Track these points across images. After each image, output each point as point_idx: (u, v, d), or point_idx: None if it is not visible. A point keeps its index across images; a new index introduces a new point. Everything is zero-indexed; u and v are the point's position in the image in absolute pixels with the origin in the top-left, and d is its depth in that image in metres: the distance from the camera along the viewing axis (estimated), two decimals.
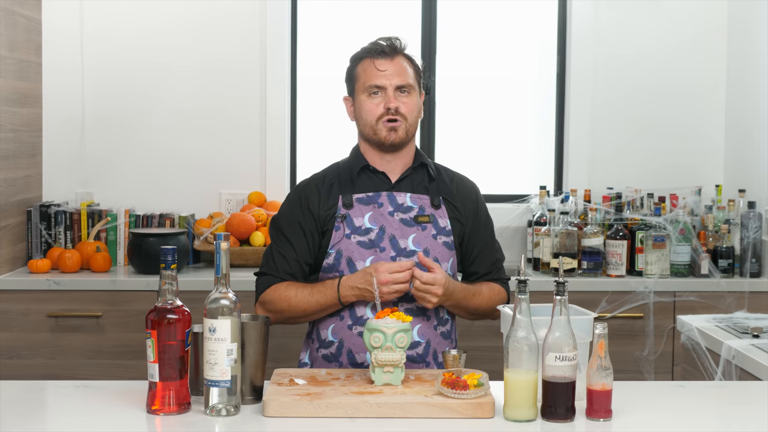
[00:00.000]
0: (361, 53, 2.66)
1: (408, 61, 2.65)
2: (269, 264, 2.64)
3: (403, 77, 2.61)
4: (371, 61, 2.62)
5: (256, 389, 2.20)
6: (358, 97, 2.63)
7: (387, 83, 2.59)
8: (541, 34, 4.59)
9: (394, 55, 2.62)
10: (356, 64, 2.66)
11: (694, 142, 4.53)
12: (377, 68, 2.60)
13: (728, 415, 2.25)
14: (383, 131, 2.60)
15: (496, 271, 2.74)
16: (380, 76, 2.60)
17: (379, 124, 2.60)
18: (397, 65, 2.61)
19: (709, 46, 4.51)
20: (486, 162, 4.57)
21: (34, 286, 3.85)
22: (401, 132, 2.60)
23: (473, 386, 2.11)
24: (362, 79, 2.62)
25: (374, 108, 2.60)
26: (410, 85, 2.61)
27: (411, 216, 2.62)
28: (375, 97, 2.60)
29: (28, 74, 4.17)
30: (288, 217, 2.66)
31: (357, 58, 2.66)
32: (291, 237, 2.63)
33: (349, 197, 2.62)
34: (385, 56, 2.61)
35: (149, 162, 4.41)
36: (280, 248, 2.63)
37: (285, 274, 2.62)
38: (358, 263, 2.57)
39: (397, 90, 2.60)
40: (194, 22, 4.40)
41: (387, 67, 2.60)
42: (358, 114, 2.65)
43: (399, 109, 2.59)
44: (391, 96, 2.59)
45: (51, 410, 2.22)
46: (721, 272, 4.02)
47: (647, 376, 3.78)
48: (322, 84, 4.50)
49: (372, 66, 2.61)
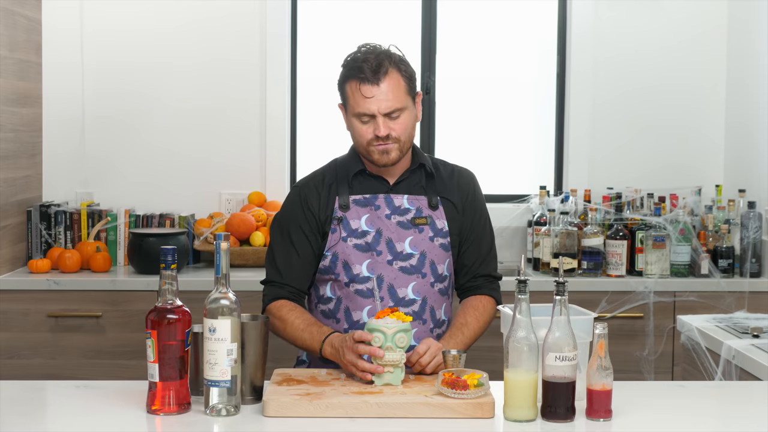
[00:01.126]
0: (348, 70, 2.52)
1: (398, 75, 2.51)
2: (274, 272, 2.62)
3: (392, 101, 2.48)
4: (357, 86, 2.49)
5: (256, 389, 2.20)
6: (349, 117, 2.56)
7: (375, 110, 2.48)
8: (541, 34, 4.59)
9: (381, 77, 2.48)
10: (345, 81, 2.54)
11: (694, 142, 4.52)
12: (363, 95, 2.48)
13: (728, 415, 2.25)
14: (375, 154, 2.54)
15: (485, 266, 2.67)
16: (367, 102, 2.48)
17: (370, 148, 2.53)
18: (384, 87, 2.48)
19: (709, 46, 4.50)
20: (486, 162, 4.56)
21: (34, 286, 3.85)
22: (394, 154, 2.54)
23: (473, 386, 2.11)
24: (351, 101, 2.53)
25: (364, 133, 2.52)
26: (400, 108, 2.50)
27: (408, 218, 2.60)
28: (365, 122, 2.52)
29: (28, 74, 4.17)
30: (290, 220, 2.62)
31: (345, 76, 2.54)
32: (295, 241, 2.60)
33: (346, 199, 2.60)
34: (369, 82, 2.47)
35: (149, 162, 4.41)
36: (284, 254, 2.60)
37: (291, 280, 2.59)
38: (354, 266, 2.55)
39: (386, 116, 2.50)
40: (194, 22, 4.40)
41: (373, 93, 2.48)
42: (351, 131, 2.59)
43: (390, 135, 2.51)
44: (380, 125, 2.49)
45: (51, 410, 2.22)
46: (721, 272, 4.02)
47: (647, 376, 3.78)
48: (322, 84, 4.49)
49: (358, 92, 2.49)
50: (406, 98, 2.53)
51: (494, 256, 2.72)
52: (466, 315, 2.59)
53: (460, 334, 2.53)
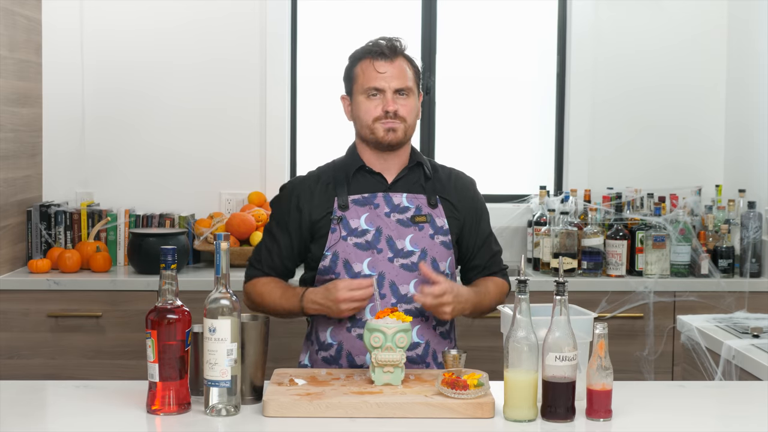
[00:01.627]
0: (360, 53, 2.64)
1: (408, 63, 2.62)
2: (257, 256, 2.72)
3: (402, 80, 2.58)
4: (371, 62, 2.59)
5: (256, 389, 2.20)
6: (356, 97, 2.62)
7: (386, 86, 2.57)
8: (541, 34, 4.59)
9: (394, 56, 2.59)
10: (355, 63, 2.63)
11: (694, 142, 4.52)
12: (377, 70, 2.58)
13: (728, 415, 2.25)
14: (380, 131, 2.58)
15: (496, 263, 2.75)
16: (379, 78, 2.57)
17: (377, 125, 2.58)
18: (396, 67, 2.59)
19: (709, 46, 4.51)
20: (486, 162, 4.57)
21: (34, 286, 3.85)
22: (400, 133, 2.59)
23: (473, 386, 2.12)
24: (361, 79, 2.60)
25: (372, 109, 2.58)
26: (409, 88, 2.59)
27: (408, 216, 2.61)
28: (373, 99, 2.58)
29: (28, 74, 4.17)
30: (276, 215, 2.70)
31: (356, 58, 2.64)
32: (277, 235, 2.67)
33: (345, 198, 2.61)
34: (384, 58, 2.58)
35: (149, 162, 4.41)
36: (268, 242, 2.70)
37: (268, 268, 2.69)
38: (355, 265, 2.56)
39: (395, 93, 2.58)
40: (194, 22, 4.40)
41: (386, 69, 2.58)
42: (356, 114, 2.63)
43: (398, 112, 2.57)
44: (389, 99, 2.57)
45: (51, 410, 2.22)
46: (721, 272, 4.02)
47: (647, 376, 3.78)
48: (322, 84, 4.50)
49: (371, 67, 2.59)
50: (414, 85, 2.62)
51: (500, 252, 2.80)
52: (488, 285, 2.68)
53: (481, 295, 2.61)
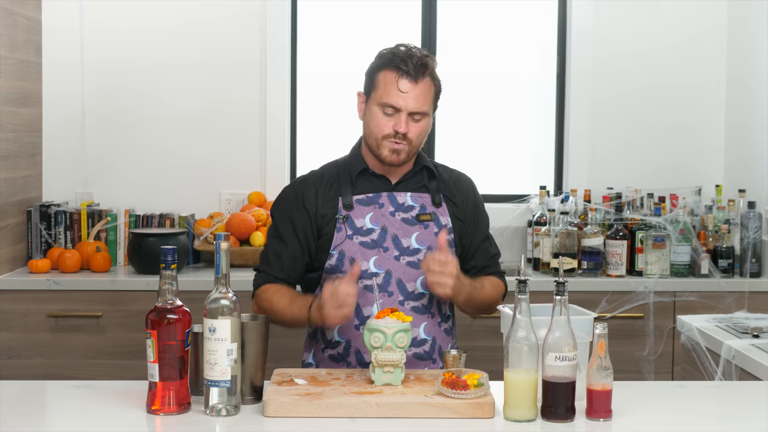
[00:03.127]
0: (388, 61, 2.54)
1: (432, 83, 2.55)
2: (265, 261, 2.67)
3: (421, 103, 2.52)
4: (395, 78, 2.51)
5: (256, 389, 2.20)
6: (372, 105, 2.56)
7: (404, 105, 2.51)
8: (541, 34, 4.59)
9: (420, 78, 2.52)
10: (380, 69, 2.55)
11: (694, 142, 4.52)
12: (399, 89, 2.50)
13: (728, 415, 2.25)
14: (385, 150, 2.55)
15: (494, 265, 2.74)
16: (399, 97, 2.50)
17: (384, 142, 2.54)
18: (419, 89, 2.51)
19: (709, 46, 4.51)
20: (486, 162, 4.57)
21: (34, 286, 3.85)
22: (403, 156, 2.56)
23: (473, 386, 2.11)
24: (381, 90, 2.54)
25: (383, 126, 2.54)
26: (425, 113, 2.54)
27: (413, 215, 2.61)
28: (387, 115, 2.53)
29: (28, 74, 4.17)
30: (282, 215, 2.66)
31: (383, 64, 2.55)
32: (285, 235, 2.63)
33: (349, 198, 2.61)
34: (410, 77, 2.50)
35: (149, 162, 4.41)
36: (275, 246, 2.65)
37: (279, 272, 2.63)
38: (362, 263, 2.56)
39: (410, 116, 2.52)
40: (194, 22, 4.40)
41: (409, 89, 2.51)
42: (367, 120, 2.59)
43: (407, 135, 2.53)
44: (402, 120, 2.51)
45: (51, 410, 2.22)
46: (721, 272, 4.02)
47: (647, 376, 3.78)
48: (322, 84, 4.50)
49: (394, 83, 2.51)
50: (431, 106, 2.58)
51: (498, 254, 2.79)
52: (483, 281, 2.65)
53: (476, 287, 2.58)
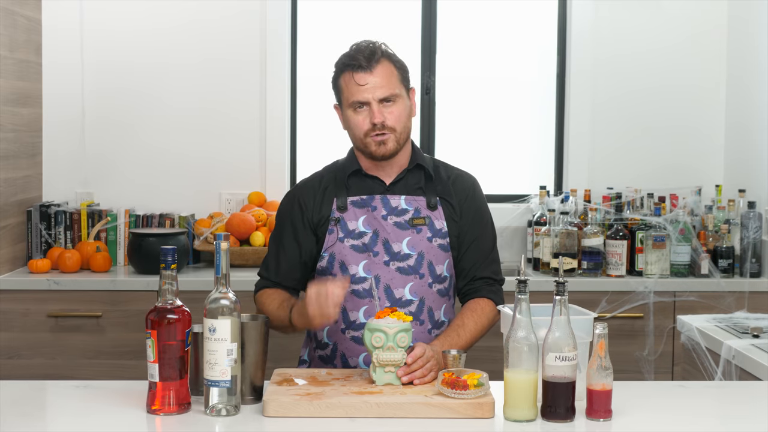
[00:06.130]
0: (340, 64, 2.56)
1: (392, 65, 2.54)
2: (265, 266, 2.69)
3: (386, 88, 2.51)
4: (351, 75, 2.52)
5: (256, 389, 2.20)
6: (345, 111, 2.57)
7: (369, 97, 2.51)
8: (541, 34, 4.59)
9: (374, 64, 2.51)
10: (338, 75, 2.58)
11: (694, 142, 4.52)
12: (357, 83, 2.51)
13: (728, 415, 2.25)
14: (372, 145, 2.55)
15: (482, 268, 2.63)
16: (361, 90, 2.51)
17: (368, 139, 2.54)
18: (378, 75, 2.51)
19: (709, 46, 4.51)
20: (486, 162, 4.57)
21: (34, 286, 3.85)
22: (390, 144, 2.55)
23: (473, 386, 2.12)
24: (345, 93, 2.55)
25: (360, 124, 2.54)
26: (395, 94, 2.53)
27: (406, 219, 2.59)
28: (360, 111, 2.53)
29: (28, 74, 4.17)
30: (282, 220, 2.67)
31: (338, 70, 2.58)
32: (285, 241, 2.64)
33: (344, 200, 2.61)
34: (363, 69, 2.51)
35: (149, 162, 4.41)
36: (275, 251, 2.67)
37: (277, 277, 2.65)
38: (351, 267, 2.56)
39: (381, 102, 2.52)
40: (194, 22, 4.40)
41: (367, 80, 2.51)
42: (347, 127, 2.60)
43: (385, 123, 2.52)
44: (375, 111, 2.51)
45: (51, 410, 2.22)
46: (721, 272, 4.02)
47: (647, 376, 3.78)
48: (322, 84, 4.42)
49: (352, 80, 2.52)
50: (400, 87, 2.56)
51: (495, 260, 2.69)
52: (463, 317, 2.57)
53: (455, 336, 2.51)
